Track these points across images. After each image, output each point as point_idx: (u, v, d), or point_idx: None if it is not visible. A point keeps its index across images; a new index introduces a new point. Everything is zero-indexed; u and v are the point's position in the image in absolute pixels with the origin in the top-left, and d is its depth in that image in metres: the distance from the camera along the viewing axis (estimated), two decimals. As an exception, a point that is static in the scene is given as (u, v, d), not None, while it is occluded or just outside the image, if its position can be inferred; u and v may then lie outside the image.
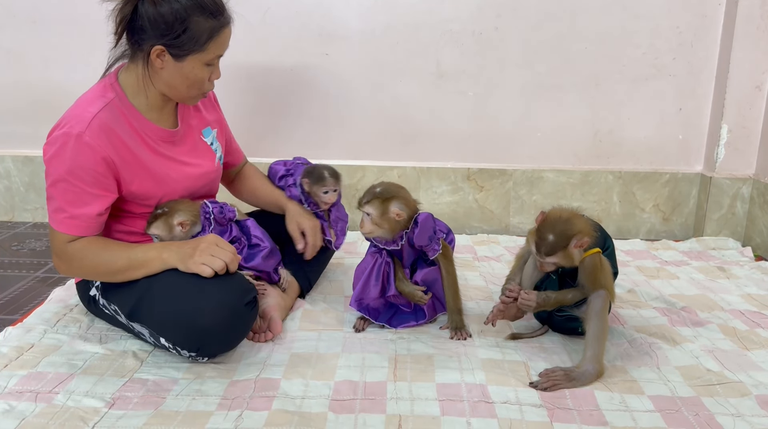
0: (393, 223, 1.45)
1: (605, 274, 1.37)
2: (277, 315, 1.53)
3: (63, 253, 1.38)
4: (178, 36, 1.34)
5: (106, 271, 1.39)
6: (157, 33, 1.33)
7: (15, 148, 2.53)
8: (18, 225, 2.51)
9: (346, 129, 2.46)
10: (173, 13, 1.32)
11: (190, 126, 1.56)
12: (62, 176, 1.33)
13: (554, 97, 2.40)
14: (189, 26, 1.33)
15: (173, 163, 1.49)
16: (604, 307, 1.34)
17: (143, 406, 1.21)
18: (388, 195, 1.45)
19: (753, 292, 1.85)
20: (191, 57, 1.37)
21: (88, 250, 1.37)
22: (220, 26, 1.38)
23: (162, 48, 1.35)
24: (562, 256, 1.32)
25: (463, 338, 1.50)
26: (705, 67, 2.35)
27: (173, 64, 1.38)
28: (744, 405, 1.23)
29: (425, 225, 1.47)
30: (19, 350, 1.41)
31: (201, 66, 1.40)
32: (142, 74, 1.40)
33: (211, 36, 1.37)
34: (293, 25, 2.32)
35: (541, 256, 1.33)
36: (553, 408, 1.21)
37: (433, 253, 1.51)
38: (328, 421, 1.17)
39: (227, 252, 1.37)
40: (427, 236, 1.47)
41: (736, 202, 2.35)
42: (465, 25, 2.34)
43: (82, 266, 1.40)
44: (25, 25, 2.39)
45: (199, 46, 1.36)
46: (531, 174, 2.46)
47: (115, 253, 1.38)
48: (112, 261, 1.37)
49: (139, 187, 1.42)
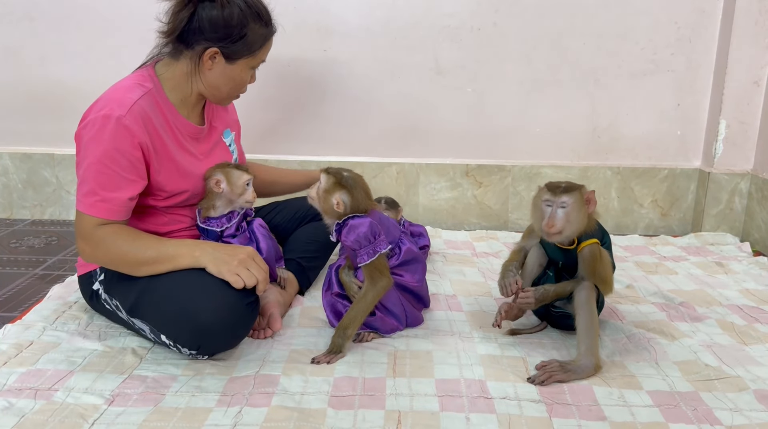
0: (330, 207, 1.43)
1: (604, 265, 1.37)
2: (277, 312, 1.54)
3: (90, 237, 1.36)
4: (235, 41, 1.40)
5: (133, 260, 1.36)
6: (215, 36, 1.39)
7: (13, 145, 2.53)
8: (16, 222, 2.51)
9: (345, 125, 2.46)
10: (234, 19, 1.38)
11: (214, 126, 1.60)
12: (98, 158, 1.33)
13: (553, 93, 2.40)
14: (247, 32, 1.41)
15: (196, 159, 1.52)
16: (589, 298, 1.34)
17: (143, 402, 1.21)
18: (344, 183, 1.43)
19: (751, 287, 1.85)
20: (242, 61, 1.44)
21: (118, 236, 1.36)
22: (270, 34, 1.48)
23: (216, 50, 1.40)
24: (576, 199, 1.31)
25: (325, 362, 1.37)
26: (703, 63, 2.35)
27: (223, 66, 1.44)
28: (742, 399, 1.24)
29: (355, 229, 1.41)
30: (18, 347, 1.41)
31: (247, 70, 1.48)
32: (189, 72, 1.44)
33: (263, 43, 1.45)
34: (291, 21, 2.32)
35: (556, 195, 1.32)
36: (552, 403, 1.22)
37: (359, 262, 1.43)
38: (328, 417, 1.17)
39: (262, 271, 1.37)
40: (353, 239, 1.41)
41: (735, 197, 2.35)
42: (463, 21, 2.34)
43: (109, 252, 1.37)
44: (23, 21, 2.38)
45: (252, 52, 1.44)
46: (529, 170, 2.46)
47: (145, 243, 1.37)
48: (141, 251, 1.35)
49: (165, 178, 1.44)
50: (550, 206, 1.33)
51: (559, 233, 1.33)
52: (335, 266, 1.56)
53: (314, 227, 1.78)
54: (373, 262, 1.42)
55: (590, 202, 1.34)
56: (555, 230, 1.32)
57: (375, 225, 1.43)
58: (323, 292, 1.56)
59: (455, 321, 1.60)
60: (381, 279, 1.42)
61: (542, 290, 1.39)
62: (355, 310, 1.42)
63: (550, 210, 1.33)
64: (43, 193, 2.55)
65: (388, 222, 1.52)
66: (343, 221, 1.44)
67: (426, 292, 1.61)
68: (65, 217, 2.56)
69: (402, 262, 1.51)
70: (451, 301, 1.73)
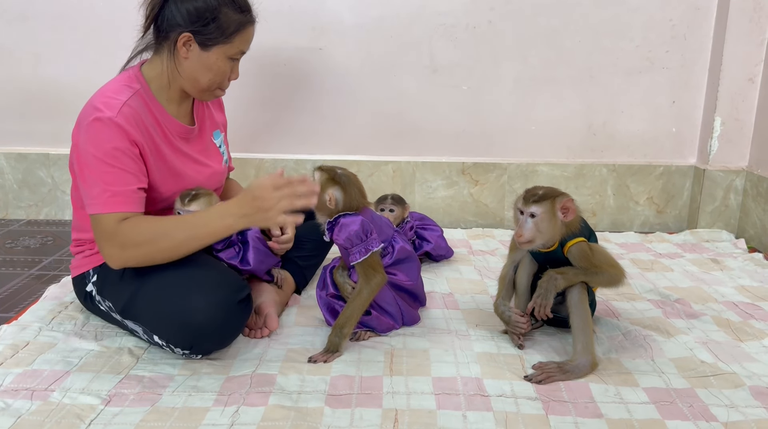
0: (323, 203, 1.43)
1: (599, 254, 1.36)
2: (273, 311, 1.54)
3: (115, 236, 1.32)
4: (206, 24, 1.38)
5: (166, 247, 1.32)
6: (187, 21, 1.37)
7: (7, 145, 2.52)
8: (11, 222, 2.50)
9: (340, 124, 2.46)
10: (205, 2, 1.37)
11: (203, 126, 1.59)
12: (100, 159, 1.32)
13: (548, 91, 2.40)
14: (218, 16, 1.38)
15: (188, 160, 1.51)
16: (581, 298, 1.34)
17: (139, 402, 1.21)
18: (337, 179, 1.43)
19: (746, 283, 1.86)
20: (217, 48, 1.41)
21: (142, 225, 1.33)
22: (247, 22, 1.43)
23: (189, 35, 1.38)
24: (546, 210, 1.30)
25: (322, 361, 1.37)
26: (698, 60, 2.35)
27: (198, 53, 1.41)
28: (737, 396, 1.24)
29: (347, 227, 1.41)
30: (14, 348, 1.40)
31: (224, 59, 1.43)
32: (167, 64, 1.43)
33: (237, 29, 1.42)
34: (286, 20, 2.32)
35: (526, 204, 1.31)
36: (549, 401, 1.22)
37: (352, 260, 1.42)
38: (325, 415, 1.17)
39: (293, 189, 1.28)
40: (345, 237, 1.41)
41: (730, 194, 2.36)
42: (459, 19, 2.34)
43: (139, 243, 1.32)
44: (16, 20, 2.37)
45: (225, 38, 1.41)
46: (525, 168, 2.46)
47: (171, 224, 1.34)
48: (171, 236, 1.32)
49: (159, 179, 1.43)
50: (522, 214, 1.34)
51: (529, 242, 1.33)
52: (329, 267, 1.56)
53: (311, 226, 1.77)
54: (366, 260, 1.41)
55: (568, 210, 1.33)
56: (524, 240, 1.32)
57: (367, 223, 1.43)
58: (317, 291, 1.56)
59: (452, 319, 1.60)
60: (375, 276, 1.42)
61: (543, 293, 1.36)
62: (351, 309, 1.41)
63: (522, 218, 1.33)
64: (38, 193, 2.54)
65: (381, 221, 1.52)
66: (334, 219, 1.44)
67: (422, 291, 1.61)
68: (61, 217, 2.55)
69: (396, 261, 1.51)
70: (447, 299, 1.73)
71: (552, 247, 1.37)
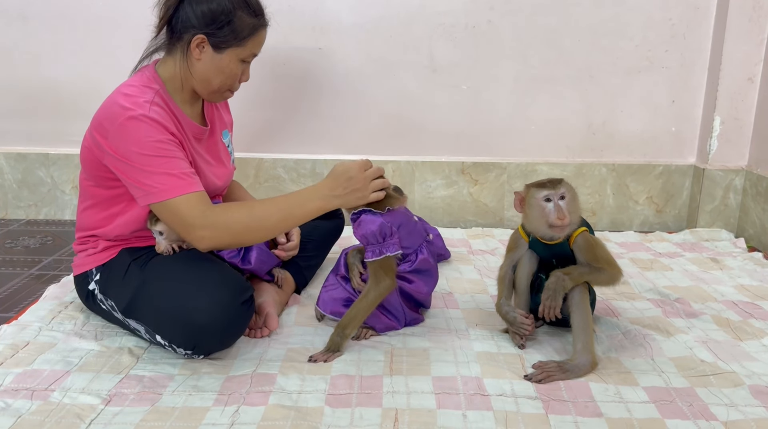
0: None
1: (602, 248, 1.37)
2: (273, 311, 1.54)
3: (204, 218, 1.31)
4: (221, 27, 1.38)
5: (263, 226, 1.35)
6: (201, 23, 1.38)
7: (7, 145, 2.52)
8: (11, 222, 2.50)
9: (340, 123, 2.46)
10: (220, 5, 1.37)
11: (214, 127, 1.59)
12: (147, 154, 1.30)
13: (548, 90, 2.40)
14: (233, 19, 1.39)
15: (202, 160, 1.51)
16: (583, 297, 1.34)
17: (140, 402, 1.21)
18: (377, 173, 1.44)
19: (746, 282, 1.86)
20: (230, 50, 1.42)
21: (234, 209, 1.35)
22: (260, 25, 1.45)
23: (203, 37, 1.39)
24: (570, 188, 1.34)
25: (322, 360, 1.37)
26: (698, 59, 2.35)
27: (211, 55, 1.41)
28: (737, 395, 1.24)
29: (365, 225, 1.40)
30: (14, 348, 1.40)
31: (237, 61, 1.44)
32: (180, 65, 1.43)
33: (251, 33, 1.43)
34: (286, 19, 2.31)
35: (554, 188, 1.33)
36: (549, 400, 1.22)
37: (365, 257, 1.42)
38: (325, 415, 1.17)
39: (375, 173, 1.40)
40: (361, 234, 1.41)
41: (729, 193, 2.36)
42: (458, 19, 2.34)
43: (233, 227, 1.33)
44: (16, 21, 2.37)
45: (239, 41, 1.41)
46: (525, 167, 2.46)
47: (264, 207, 1.36)
48: (266, 217, 1.35)
49: None
50: (550, 200, 1.33)
51: (569, 224, 1.32)
52: (348, 249, 1.57)
53: (312, 227, 1.77)
54: (379, 262, 1.40)
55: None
56: (567, 221, 1.31)
57: (386, 226, 1.41)
58: (330, 274, 1.57)
59: (452, 318, 1.60)
60: (384, 279, 1.41)
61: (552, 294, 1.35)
62: (356, 309, 1.41)
63: (552, 204, 1.33)
64: (38, 193, 2.54)
65: (414, 227, 1.50)
66: (358, 213, 1.44)
67: (429, 299, 1.61)
68: (60, 217, 2.55)
69: (414, 270, 1.50)
70: (447, 298, 1.73)
71: (558, 239, 1.37)
